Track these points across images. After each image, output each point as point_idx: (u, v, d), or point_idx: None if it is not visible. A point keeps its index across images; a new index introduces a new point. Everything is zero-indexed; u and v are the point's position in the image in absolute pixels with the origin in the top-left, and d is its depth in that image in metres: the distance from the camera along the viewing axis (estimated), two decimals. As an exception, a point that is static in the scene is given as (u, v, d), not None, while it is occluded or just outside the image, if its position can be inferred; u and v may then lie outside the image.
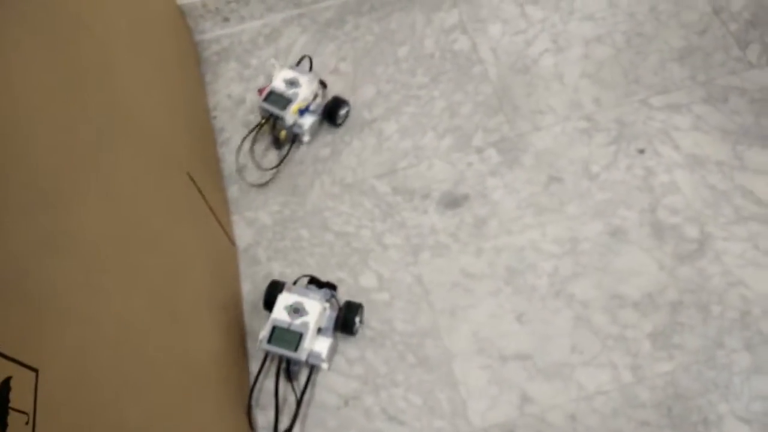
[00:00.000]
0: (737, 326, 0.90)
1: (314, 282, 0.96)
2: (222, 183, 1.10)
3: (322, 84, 1.14)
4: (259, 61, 1.24)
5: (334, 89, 1.18)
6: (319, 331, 0.91)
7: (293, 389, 0.91)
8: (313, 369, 0.92)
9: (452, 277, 0.98)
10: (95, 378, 0.47)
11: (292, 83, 1.08)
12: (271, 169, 1.10)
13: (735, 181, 1.00)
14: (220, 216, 0.98)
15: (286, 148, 1.11)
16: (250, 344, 0.96)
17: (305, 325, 0.87)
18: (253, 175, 1.11)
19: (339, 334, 0.94)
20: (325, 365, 0.90)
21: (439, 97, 1.15)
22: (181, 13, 1.23)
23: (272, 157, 1.13)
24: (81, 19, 0.67)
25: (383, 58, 1.21)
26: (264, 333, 0.88)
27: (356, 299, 0.97)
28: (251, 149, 1.11)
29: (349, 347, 0.94)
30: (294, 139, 1.12)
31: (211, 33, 1.29)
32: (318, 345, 0.89)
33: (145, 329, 0.59)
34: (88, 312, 0.48)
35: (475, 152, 1.09)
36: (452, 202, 1.05)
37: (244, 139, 1.11)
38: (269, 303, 0.92)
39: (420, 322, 0.95)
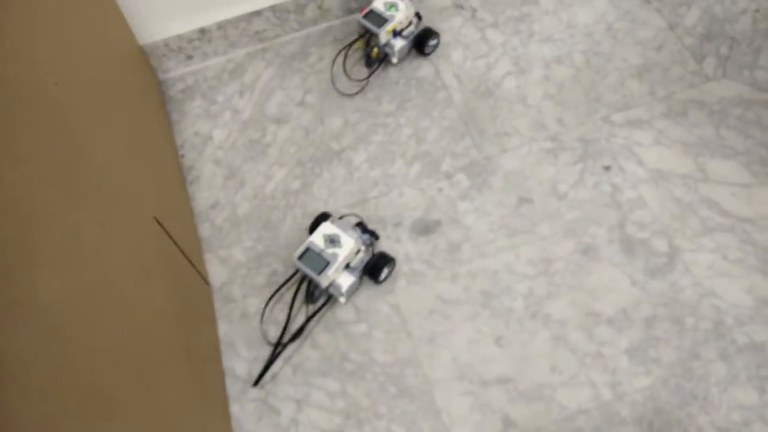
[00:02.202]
0: (711, 337, 0.91)
1: (360, 225, 1.01)
2: (192, 222, 1.09)
3: (418, 16, 1.19)
4: (224, 97, 1.24)
5: (302, 120, 1.19)
6: (348, 267, 0.96)
7: (306, 309, 0.97)
8: (330, 299, 0.98)
9: (429, 304, 0.98)
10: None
11: (391, 5, 1.15)
12: (361, 80, 1.20)
13: (700, 193, 1.02)
14: (192, 257, 0.97)
15: (376, 65, 1.20)
16: (229, 386, 0.95)
17: (335, 255, 0.93)
18: (345, 86, 1.20)
19: (365, 279, 1.00)
20: (342, 299, 0.97)
21: (405, 125, 1.16)
22: (144, 53, 1.22)
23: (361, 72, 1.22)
24: (40, 68, 0.66)
25: (348, 88, 1.22)
26: (299, 250, 0.94)
27: (334, 332, 0.97)
28: (344, 59, 1.21)
29: (330, 381, 0.93)
30: (384, 58, 1.20)
31: (175, 71, 1.28)
32: (342, 278, 0.95)
33: (115, 394, 0.57)
34: (50, 385, 0.47)
35: (444, 178, 1.09)
36: (424, 228, 1.05)
37: (338, 53, 1.20)
38: (314, 227, 1.00)
39: (399, 351, 0.95)
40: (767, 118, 1.08)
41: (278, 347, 0.94)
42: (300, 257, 0.94)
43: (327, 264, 0.93)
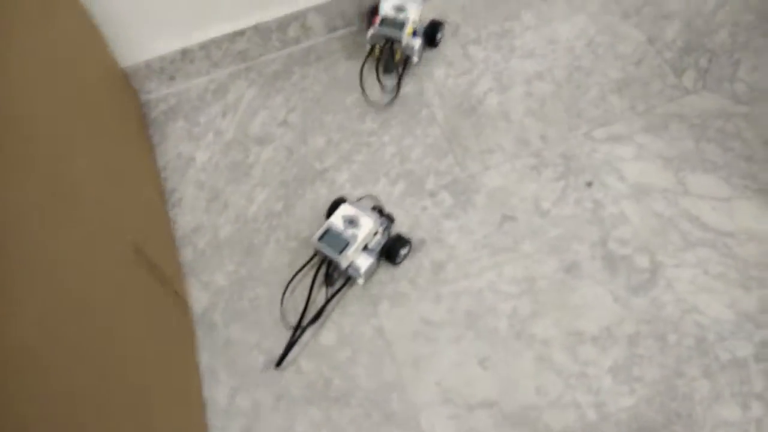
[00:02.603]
0: (695, 354, 0.91)
1: (376, 209, 1.03)
2: (174, 246, 1.08)
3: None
4: (207, 118, 1.24)
5: (285, 140, 1.19)
6: (366, 249, 0.99)
7: (326, 291, 1.00)
8: (348, 281, 1.01)
9: (413, 327, 0.98)
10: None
11: (399, 9, 1.16)
12: (393, 88, 1.20)
13: (680, 207, 1.03)
14: (173, 282, 0.96)
15: (401, 69, 1.20)
16: (210, 416, 0.94)
17: (354, 236, 0.96)
18: (377, 96, 1.21)
19: (382, 262, 1.03)
20: (360, 280, 0.99)
21: (389, 143, 1.16)
22: (125, 75, 1.22)
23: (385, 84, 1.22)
24: (16, 91, 0.66)
25: (332, 106, 1.22)
26: (319, 232, 0.98)
27: (317, 358, 0.97)
28: (376, 71, 1.21)
29: (314, 409, 0.93)
30: (406, 60, 1.20)
31: (158, 92, 1.28)
32: (360, 260, 0.98)
33: (94, 426, 0.57)
34: (24, 417, 0.47)
35: (428, 196, 1.09)
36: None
37: (362, 67, 1.22)
38: (331, 212, 1.02)
39: (384, 376, 0.95)
40: (747, 131, 1.09)
41: (298, 330, 0.96)
42: (320, 238, 0.97)
43: (347, 244, 0.95)
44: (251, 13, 1.22)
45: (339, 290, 1.00)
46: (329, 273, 0.99)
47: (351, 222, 0.97)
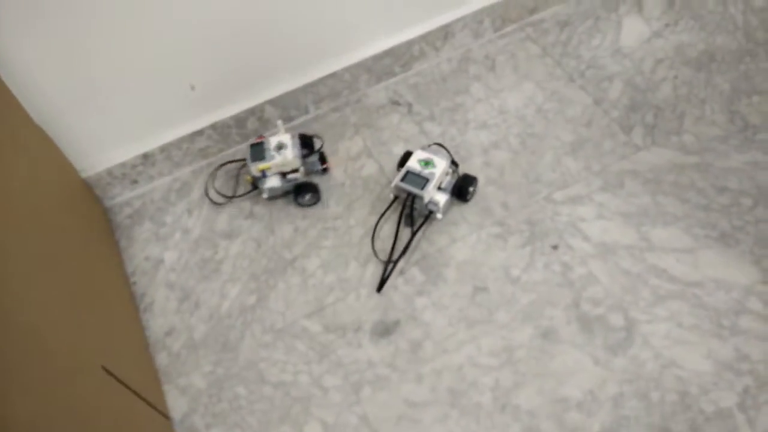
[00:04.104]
0: (679, 409, 0.91)
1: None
2: (147, 354, 1.06)
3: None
4: (173, 218, 1.24)
5: (252, 233, 1.19)
6: (440, 189, 1.12)
7: (411, 229, 1.12)
8: (427, 218, 1.13)
9: (397, 410, 0.97)
10: None
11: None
12: (229, 197, 1.23)
13: (647, 262, 1.04)
14: (148, 394, 0.94)
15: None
16: None
17: (432, 174, 1.10)
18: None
19: (454, 199, 1.15)
20: (439, 215, 1.12)
21: (356, 225, 1.17)
22: (87, 185, 1.22)
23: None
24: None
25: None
26: (399, 176, 1.11)
27: (303, 454, 0.94)
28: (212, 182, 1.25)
29: None
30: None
31: (121, 197, 1.28)
32: (438, 196, 1.11)
33: None
34: None
35: (399, 274, 1.10)
36: (385, 330, 1.04)
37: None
38: (402, 164, 1.16)
39: (372, 466, 0.92)
40: (700, 181, 1.12)
41: (390, 262, 1.09)
42: (402, 180, 1.09)
43: (427, 181, 1.09)
44: (207, 114, 1.25)
45: (421, 226, 1.12)
46: (409, 213, 1.10)
47: (426, 163, 1.10)
